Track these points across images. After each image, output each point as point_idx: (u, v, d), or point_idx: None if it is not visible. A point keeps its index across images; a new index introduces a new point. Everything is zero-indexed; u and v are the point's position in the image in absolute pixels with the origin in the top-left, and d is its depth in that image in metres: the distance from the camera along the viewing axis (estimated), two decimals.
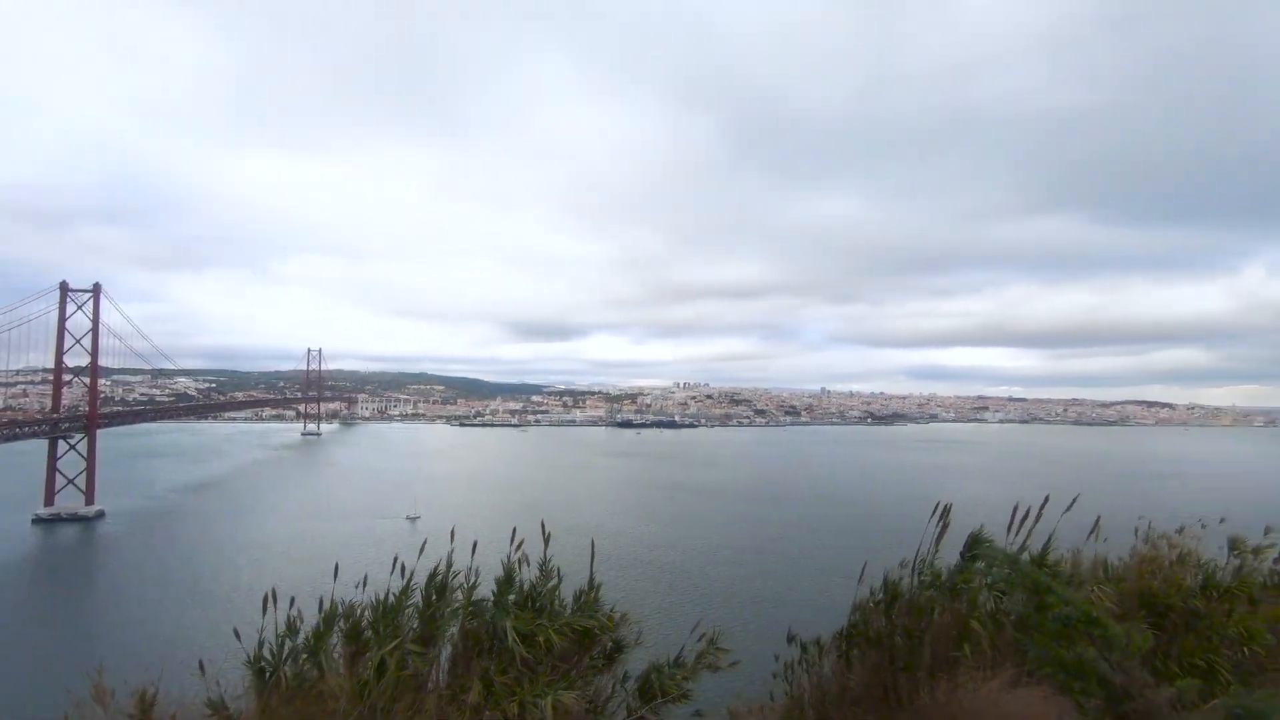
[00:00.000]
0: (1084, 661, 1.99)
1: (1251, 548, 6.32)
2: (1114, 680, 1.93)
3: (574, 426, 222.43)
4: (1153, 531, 6.06)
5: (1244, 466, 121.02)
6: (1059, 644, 2.07)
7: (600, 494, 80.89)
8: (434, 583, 3.80)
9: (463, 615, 3.60)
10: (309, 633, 3.63)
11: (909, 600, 4.42)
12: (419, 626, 3.64)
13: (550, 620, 3.72)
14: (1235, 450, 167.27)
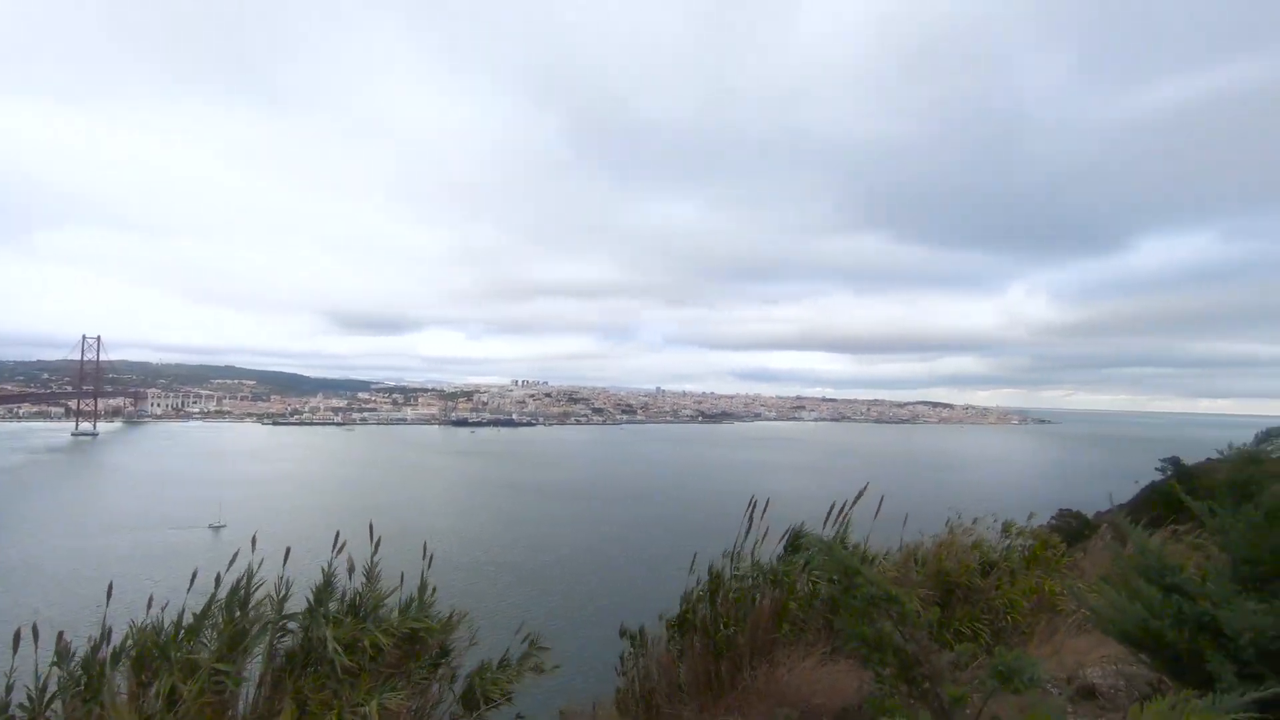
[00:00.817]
0: (882, 635, 2.21)
1: (1017, 530, 7.49)
2: (906, 650, 2.16)
3: (405, 425, 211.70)
4: (950, 520, 7.01)
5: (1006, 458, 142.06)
6: (862, 621, 2.29)
7: (435, 495, 77.64)
8: (237, 597, 3.41)
9: (271, 630, 3.26)
10: (80, 665, 3.11)
11: (733, 589, 4.69)
12: (220, 647, 3.25)
13: (376, 625, 3.48)
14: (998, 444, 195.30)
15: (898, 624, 2.25)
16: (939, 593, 5.98)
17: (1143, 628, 3.31)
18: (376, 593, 3.75)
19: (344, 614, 3.53)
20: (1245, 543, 3.16)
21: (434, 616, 3.79)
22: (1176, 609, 3.30)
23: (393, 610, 3.70)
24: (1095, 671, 4.21)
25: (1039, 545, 7.37)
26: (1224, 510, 3.36)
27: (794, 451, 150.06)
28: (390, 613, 3.68)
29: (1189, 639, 3.20)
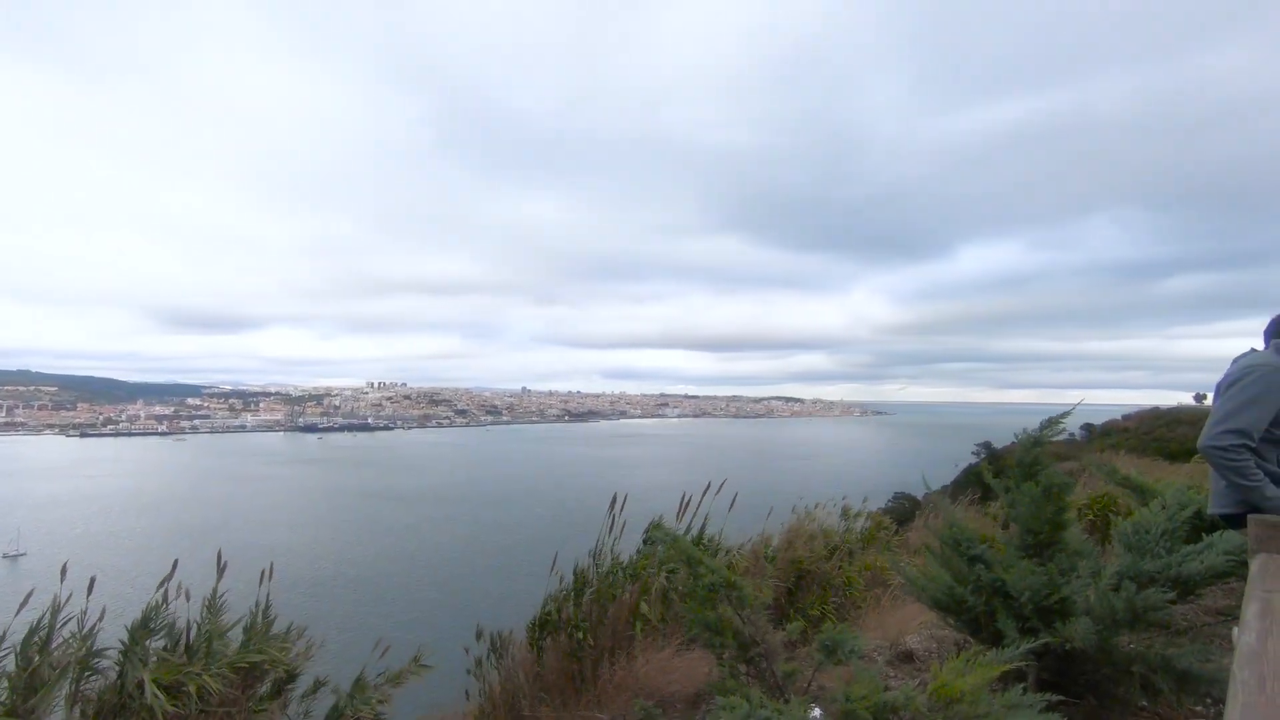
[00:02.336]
0: (723, 620, 2.36)
1: (854, 513, 8.21)
2: (744, 632, 2.32)
3: (245, 433, 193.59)
4: (796, 507, 7.55)
5: (849, 447, 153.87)
6: (705, 608, 2.43)
7: (279, 509, 71.48)
8: (36, 636, 2.99)
9: (75, 675, 2.90)
10: None
11: (595, 586, 4.78)
12: (11, 696, 2.84)
13: (207, 662, 3.19)
14: (842, 435, 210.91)
15: (737, 608, 2.41)
16: (791, 577, 6.45)
17: (949, 594, 3.76)
18: (216, 624, 3.44)
19: (174, 651, 3.20)
20: (1028, 515, 3.67)
21: (279, 645, 3.54)
22: (976, 576, 3.77)
23: (232, 643, 3.41)
24: (913, 637, 4.72)
25: (873, 526, 8.15)
26: (1014, 487, 3.90)
27: (657, 447, 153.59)
28: (230, 645, 3.39)
29: (985, 602, 3.68)
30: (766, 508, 7.29)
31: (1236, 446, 2.26)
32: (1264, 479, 2.25)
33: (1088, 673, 3.41)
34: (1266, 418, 2.28)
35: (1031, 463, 3.70)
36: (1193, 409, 48.83)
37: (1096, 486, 8.58)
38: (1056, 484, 3.51)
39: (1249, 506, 2.27)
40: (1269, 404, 2.27)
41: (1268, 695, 1.08)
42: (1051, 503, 3.57)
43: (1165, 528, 3.93)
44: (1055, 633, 3.33)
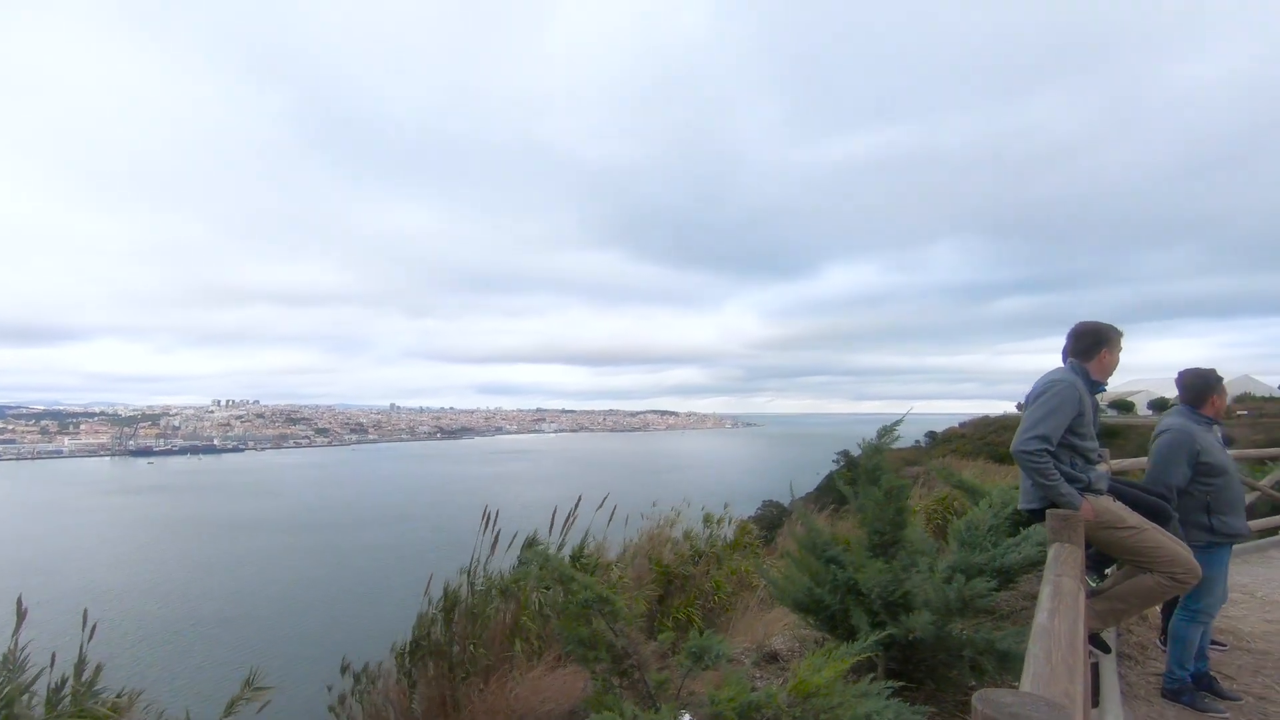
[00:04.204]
0: (596, 634, 2.40)
1: (717, 520, 8.54)
2: (617, 645, 2.37)
3: (62, 459, 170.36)
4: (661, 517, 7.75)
5: (721, 458, 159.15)
6: (579, 623, 2.46)
7: (105, 546, 63.29)
8: None
9: None
10: None
11: (468, 607, 4.65)
12: None
13: None
14: (714, 446, 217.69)
15: (610, 622, 2.45)
16: (660, 584, 6.59)
17: (808, 595, 4.01)
18: (15, 685, 2.99)
19: None
20: (874, 516, 4.01)
21: (103, 702, 3.13)
22: (832, 577, 4.06)
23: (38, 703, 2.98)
24: (778, 638, 4.98)
25: (739, 532, 8.53)
26: (860, 492, 4.23)
27: (535, 463, 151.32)
28: (35, 706, 2.96)
29: (840, 600, 3.96)
30: (638, 516, 7.44)
31: (1040, 451, 2.62)
32: (1060, 478, 2.62)
33: (927, 659, 3.75)
34: (1063, 426, 2.67)
35: (874, 468, 4.03)
36: (1016, 416, 54.97)
37: (938, 489, 9.48)
38: (895, 487, 3.86)
39: (1049, 502, 2.63)
40: (1065, 414, 2.66)
41: (1052, 665, 1.26)
42: (892, 504, 3.91)
43: (992, 524, 4.42)
44: (900, 625, 3.65)
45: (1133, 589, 2.70)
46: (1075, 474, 2.68)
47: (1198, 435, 3.24)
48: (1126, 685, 3.44)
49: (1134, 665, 3.70)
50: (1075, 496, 2.58)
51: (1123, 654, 3.84)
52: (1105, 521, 2.63)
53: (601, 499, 7.46)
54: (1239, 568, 5.66)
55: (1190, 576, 2.56)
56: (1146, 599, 2.71)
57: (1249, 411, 35.52)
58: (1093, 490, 2.69)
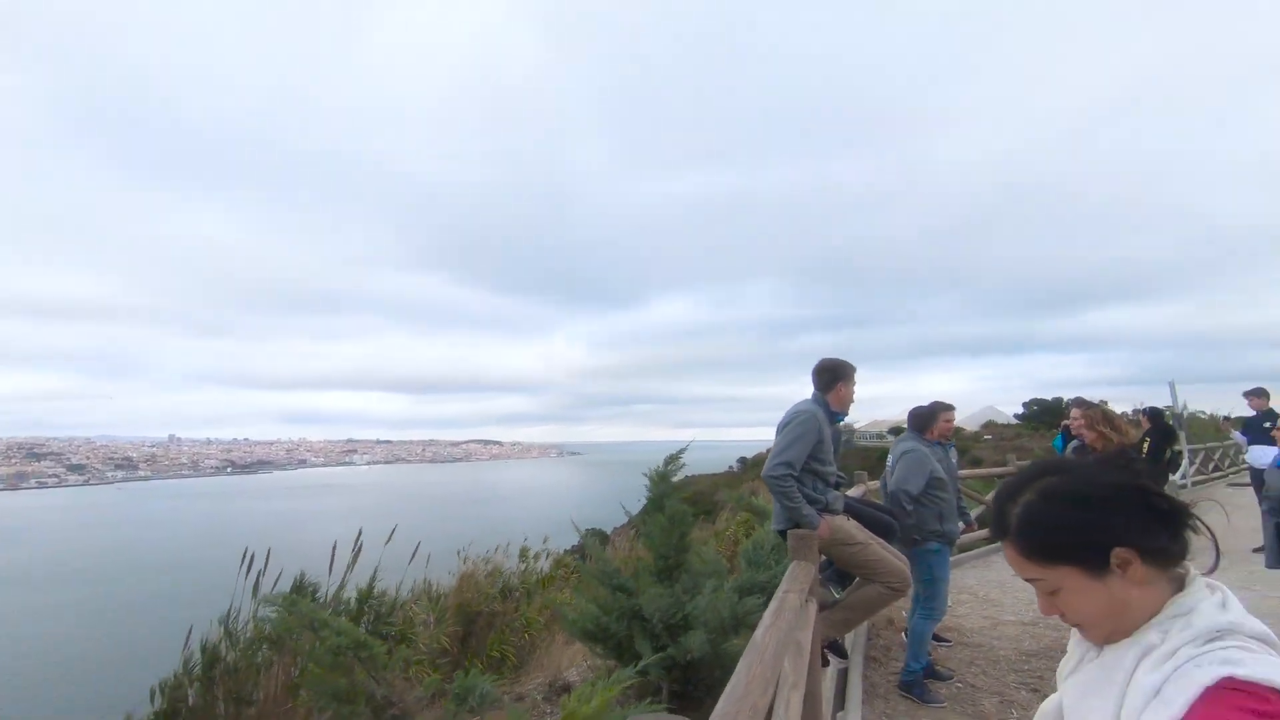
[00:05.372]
0: (355, 684, 2.23)
1: (534, 553, 8.42)
2: (378, 695, 2.22)
3: None
4: (472, 551, 7.50)
5: (545, 488, 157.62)
6: (336, 673, 2.27)
7: None
8: None
9: None
10: None
11: (233, 661, 4.15)
12: None
13: None
14: (538, 476, 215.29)
15: (370, 670, 2.29)
16: (463, 622, 6.34)
17: (596, 624, 4.05)
18: None
19: None
20: (659, 542, 4.16)
21: None
22: (619, 604, 4.14)
23: None
24: (573, 670, 4.97)
25: (554, 565, 8.46)
26: (649, 518, 4.39)
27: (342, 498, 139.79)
28: None
29: (626, 627, 4.05)
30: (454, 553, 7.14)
31: (785, 476, 2.89)
32: (802, 500, 2.90)
33: (705, 677, 3.93)
34: (806, 453, 2.96)
35: (661, 495, 4.20)
36: None
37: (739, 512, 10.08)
38: (679, 513, 4.04)
39: (794, 523, 2.89)
40: (808, 442, 2.96)
41: (749, 680, 1.36)
42: (676, 530, 4.09)
43: (775, 543, 4.77)
44: (679, 646, 3.79)
45: (860, 598, 3.05)
46: (816, 496, 2.98)
47: (930, 455, 3.83)
48: (870, 685, 3.84)
49: (879, 667, 4.14)
50: (815, 517, 2.86)
51: (871, 657, 4.29)
52: (838, 539, 2.95)
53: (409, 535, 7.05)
54: (965, 572, 6.62)
55: (904, 585, 2.96)
56: (871, 607, 3.08)
57: (991, 436, 42.00)
58: (830, 510, 3.01)
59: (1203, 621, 0.76)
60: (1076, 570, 0.82)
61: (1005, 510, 0.89)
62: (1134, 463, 0.85)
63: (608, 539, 23.25)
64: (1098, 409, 4.32)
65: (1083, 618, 0.85)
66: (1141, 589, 0.80)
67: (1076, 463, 0.88)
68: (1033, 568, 0.86)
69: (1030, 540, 0.85)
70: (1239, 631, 0.74)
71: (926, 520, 3.77)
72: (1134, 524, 0.80)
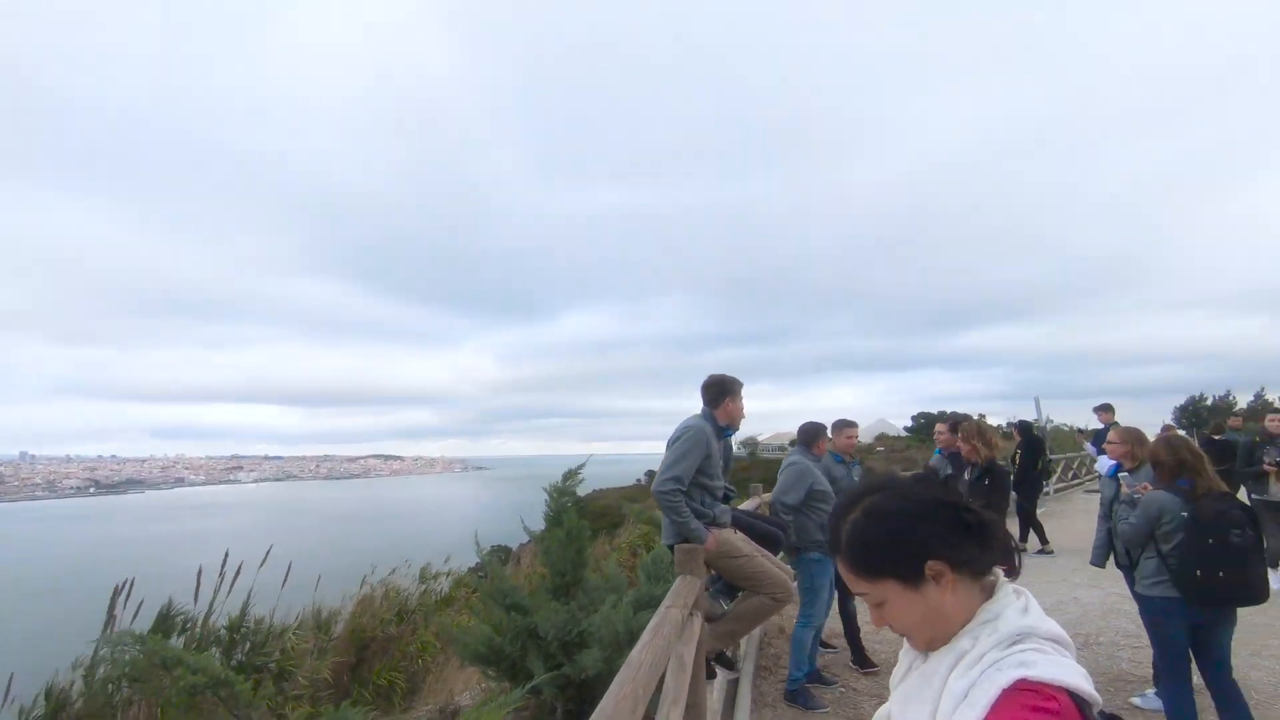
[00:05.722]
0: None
1: (434, 574, 8.10)
2: None
3: None
4: (372, 574, 7.15)
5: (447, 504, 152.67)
6: (190, 715, 2.10)
7: None
8: None
9: None
10: None
11: (83, 705, 3.76)
12: None
13: None
14: (441, 491, 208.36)
15: (231, 709, 2.14)
16: (354, 650, 6.01)
17: (488, 645, 3.94)
18: None
19: None
20: (556, 558, 4.11)
21: None
22: (514, 623, 4.05)
23: None
24: (465, 695, 4.82)
25: (454, 585, 8.16)
26: (547, 534, 4.33)
27: (225, 518, 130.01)
28: None
29: (520, 647, 3.97)
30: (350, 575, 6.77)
31: (674, 491, 2.94)
32: (690, 515, 2.96)
33: (600, 695, 3.91)
34: (694, 467, 3.02)
35: (559, 511, 4.16)
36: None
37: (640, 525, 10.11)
38: (576, 528, 4.01)
39: (682, 538, 2.94)
40: (696, 457, 3.02)
41: (619, 699, 1.36)
42: (573, 545, 4.05)
43: (673, 557, 4.81)
44: (574, 664, 3.75)
45: (745, 610, 3.13)
46: (704, 510, 3.05)
47: (813, 469, 3.99)
48: (760, 695, 3.93)
49: (769, 676, 4.25)
50: (702, 531, 2.93)
51: (762, 666, 4.40)
52: (725, 551, 3.03)
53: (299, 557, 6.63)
54: None
55: (786, 596, 3.07)
56: (756, 617, 3.18)
57: (884, 449, 44.29)
58: (718, 524, 3.08)
59: (1007, 626, 0.82)
60: (896, 583, 0.87)
61: (837, 528, 0.94)
62: (948, 480, 0.92)
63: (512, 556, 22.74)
64: (973, 423, 4.65)
65: (906, 627, 0.90)
66: (955, 598, 0.86)
67: (897, 481, 0.94)
68: (860, 582, 0.91)
69: (856, 556, 0.91)
70: (1036, 634, 0.81)
71: (809, 530, 3.92)
72: (945, 538, 0.86)
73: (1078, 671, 0.76)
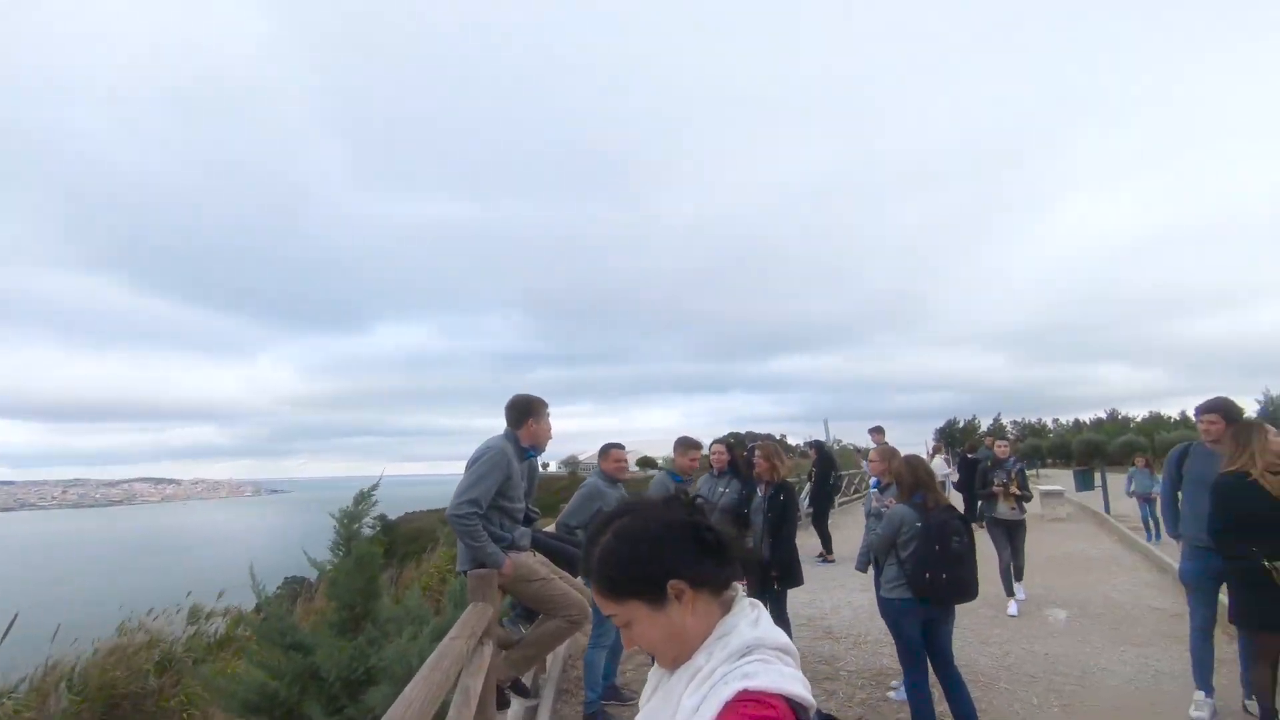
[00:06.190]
0: None
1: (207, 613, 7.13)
2: None
3: None
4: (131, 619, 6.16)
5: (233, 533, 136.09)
6: None
7: None
8: None
9: None
10: None
11: None
12: None
13: None
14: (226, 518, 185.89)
15: None
16: (101, 708, 5.12)
17: (260, 693, 3.55)
18: None
19: None
20: (344, 589, 3.81)
21: None
22: (294, 665, 3.68)
23: None
24: None
25: (230, 625, 7.22)
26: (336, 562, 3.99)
27: None
28: None
29: (299, 690, 3.62)
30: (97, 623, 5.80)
31: (470, 514, 2.85)
32: (488, 539, 2.88)
33: None
34: (493, 490, 2.96)
35: (348, 538, 3.87)
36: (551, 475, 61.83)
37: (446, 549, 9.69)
38: (367, 555, 3.75)
39: (478, 563, 2.86)
40: (495, 479, 2.96)
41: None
42: (363, 574, 3.79)
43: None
44: (359, 705, 3.48)
45: (540, 634, 3.11)
46: (502, 534, 2.99)
47: (606, 491, 4.08)
48: (560, 719, 3.92)
49: (570, 699, 4.25)
50: (499, 555, 2.87)
51: (564, 689, 4.39)
52: (521, 575, 2.98)
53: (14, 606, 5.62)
54: None
55: (582, 617, 3.09)
56: (551, 641, 3.17)
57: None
58: (517, 547, 3.04)
59: (738, 640, 0.86)
60: (642, 603, 0.89)
61: (589, 552, 0.94)
62: (694, 501, 0.98)
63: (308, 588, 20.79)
64: (772, 443, 5.00)
65: (652, 646, 0.92)
66: (696, 616, 0.89)
67: (645, 503, 0.98)
68: (609, 604, 0.92)
69: (604, 578, 0.92)
70: (764, 645, 0.85)
71: None
72: (685, 557, 0.89)
73: (796, 679, 0.82)
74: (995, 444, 6.88)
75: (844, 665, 5.01)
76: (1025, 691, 4.37)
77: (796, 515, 5.02)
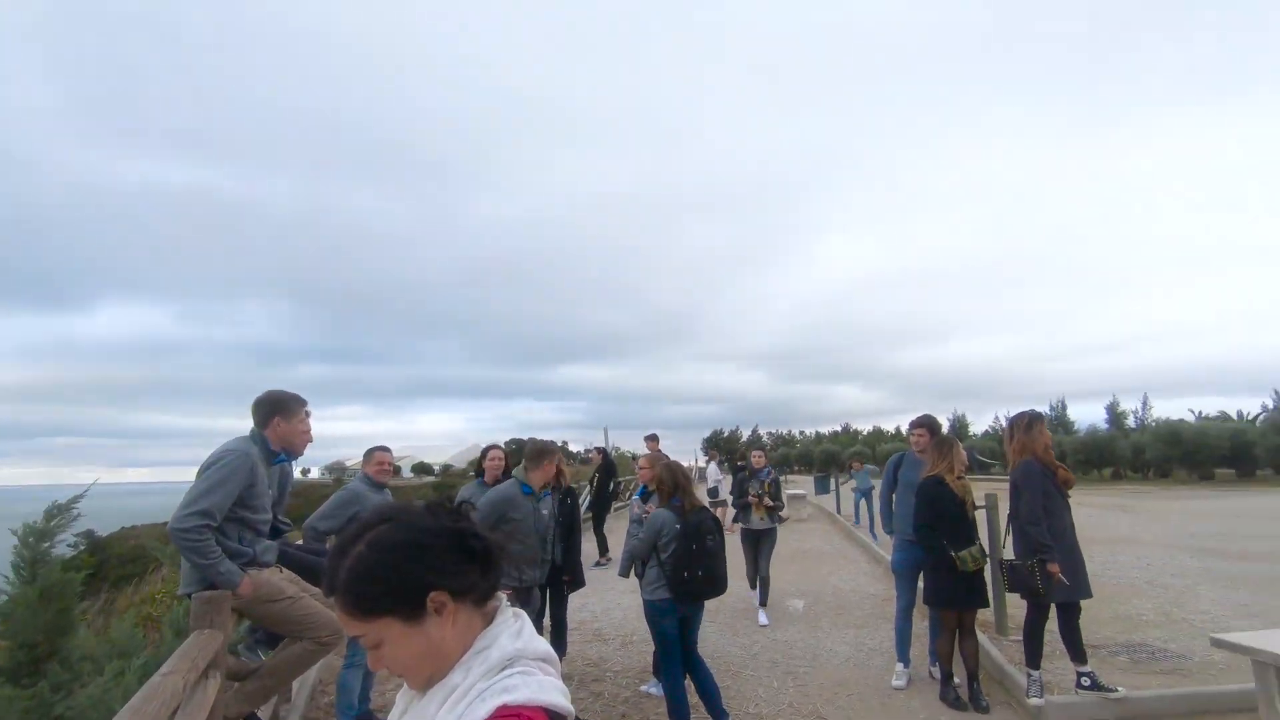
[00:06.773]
0: None
1: None
2: None
3: None
4: None
5: None
6: None
7: None
8: None
9: None
10: None
11: None
12: None
13: None
14: None
15: None
16: None
17: None
18: None
19: None
20: (24, 625, 3.10)
21: None
22: None
23: None
24: None
25: None
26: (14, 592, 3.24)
27: None
28: None
29: None
30: None
31: (200, 528, 2.45)
32: (221, 556, 2.49)
33: None
34: (230, 499, 2.56)
35: (34, 559, 3.17)
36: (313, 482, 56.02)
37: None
38: (58, 584, 3.10)
39: (208, 584, 2.47)
40: (233, 486, 2.56)
41: None
42: (51, 607, 3.12)
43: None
44: None
45: (282, 661, 2.74)
46: (241, 549, 2.61)
47: (364, 496, 3.81)
48: None
49: None
50: (236, 574, 2.49)
51: (310, 719, 3.98)
52: (263, 596, 2.62)
53: None
54: None
55: (335, 638, 2.79)
56: (295, 668, 2.80)
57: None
58: (259, 564, 2.67)
59: (498, 653, 0.81)
60: (396, 620, 0.81)
61: (336, 564, 0.84)
62: (459, 507, 0.92)
63: None
64: (559, 451, 5.02)
65: (404, 667, 0.83)
66: (455, 630, 0.82)
67: (404, 510, 0.89)
68: (358, 623, 0.82)
69: (356, 593, 0.81)
70: (525, 656, 0.81)
71: None
72: (447, 566, 0.82)
73: (556, 688, 0.80)
74: (752, 454, 7.35)
75: (610, 666, 5.17)
76: (768, 675, 4.86)
77: (579, 518, 5.08)
